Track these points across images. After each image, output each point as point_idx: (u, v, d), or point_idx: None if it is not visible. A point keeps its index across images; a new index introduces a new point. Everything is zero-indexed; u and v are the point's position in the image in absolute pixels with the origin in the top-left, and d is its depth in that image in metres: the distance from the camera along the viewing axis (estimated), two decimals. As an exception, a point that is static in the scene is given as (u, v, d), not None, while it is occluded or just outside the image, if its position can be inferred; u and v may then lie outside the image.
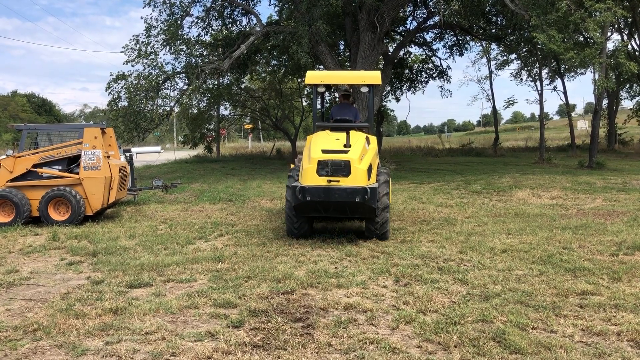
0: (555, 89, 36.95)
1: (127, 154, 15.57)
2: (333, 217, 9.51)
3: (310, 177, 8.37)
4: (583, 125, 53.02)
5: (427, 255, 7.73)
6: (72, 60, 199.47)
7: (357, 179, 8.23)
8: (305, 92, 35.44)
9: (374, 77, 9.84)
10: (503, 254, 7.72)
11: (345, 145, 8.61)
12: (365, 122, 10.41)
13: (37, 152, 11.94)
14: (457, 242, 8.63)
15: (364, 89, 9.87)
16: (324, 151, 8.55)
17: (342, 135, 8.99)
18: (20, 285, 6.93)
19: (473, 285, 6.23)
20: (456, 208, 12.44)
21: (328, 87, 10.61)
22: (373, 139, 9.59)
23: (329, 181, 8.28)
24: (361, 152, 8.53)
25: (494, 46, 36.65)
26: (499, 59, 38.97)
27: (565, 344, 4.53)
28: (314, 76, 9.98)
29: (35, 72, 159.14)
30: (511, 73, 45.84)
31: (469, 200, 13.59)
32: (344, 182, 8.24)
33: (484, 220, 10.65)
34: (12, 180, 11.69)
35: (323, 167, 8.34)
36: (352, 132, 9.12)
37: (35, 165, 11.81)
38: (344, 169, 8.28)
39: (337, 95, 10.76)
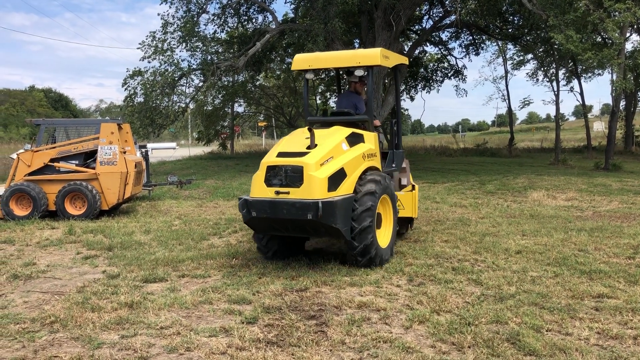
0: (571, 89, 36.56)
1: (143, 150, 15.70)
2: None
3: (257, 188, 6.85)
4: (599, 127, 52.45)
5: (441, 255, 7.71)
6: (88, 56, 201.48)
7: (311, 190, 6.49)
8: (320, 90, 35.44)
9: (370, 56, 7.75)
10: (518, 255, 7.68)
11: (308, 147, 6.91)
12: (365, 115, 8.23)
13: (54, 147, 12.08)
14: (472, 242, 8.59)
15: (359, 72, 7.95)
16: (280, 154, 6.95)
17: (321, 133, 7.39)
18: (38, 278, 7.03)
19: (487, 286, 6.20)
20: (470, 208, 12.39)
21: (317, 72, 9.05)
22: (370, 137, 7.77)
23: (277, 193, 6.68)
24: (325, 155, 6.77)
25: (510, 46, 36.36)
26: (515, 59, 38.70)
27: (580, 346, 4.50)
28: (301, 60, 8.22)
29: (52, 67, 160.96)
30: (527, 73, 45.49)
31: (484, 201, 13.52)
32: (294, 194, 6.56)
33: (499, 220, 10.60)
34: (30, 174, 11.85)
35: (274, 175, 6.75)
36: (333, 129, 7.56)
37: (52, 160, 11.96)
38: (295, 177, 6.60)
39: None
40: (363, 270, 6.89)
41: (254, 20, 26.25)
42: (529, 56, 35.26)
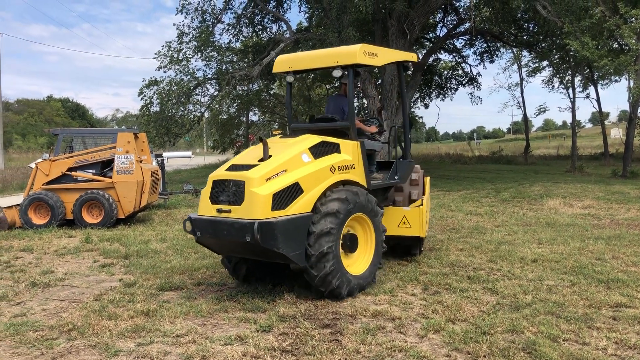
0: (588, 96, 36.15)
1: (159, 159, 15.85)
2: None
3: (203, 204, 6.24)
4: (617, 134, 51.84)
5: (456, 264, 7.68)
6: (105, 66, 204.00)
7: (251, 208, 5.74)
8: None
9: (348, 53, 6.84)
10: (534, 264, 7.62)
11: (261, 159, 6.18)
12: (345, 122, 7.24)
13: (72, 156, 12.24)
14: (487, 251, 8.54)
15: (336, 73, 6.87)
16: (230, 167, 6.31)
17: (284, 144, 6.63)
18: (55, 286, 7.12)
19: (503, 295, 6.16)
20: (486, 216, 12.32)
21: (298, 74, 7.96)
22: (348, 146, 6.76)
23: (220, 211, 6.01)
24: (275, 168, 5.97)
25: (525, 53, 36.20)
26: (530, 66, 38.47)
27: (598, 356, 4.45)
28: (282, 62, 7.55)
29: (69, 77, 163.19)
30: (543, 80, 45.16)
31: (499, 209, 13.44)
32: (235, 212, 5.87)
33: (514, 229, 10.52)
34: (48, 183, 12.01)
35: (220, 191, 6.10)
36: (300, 137, 6.77)
37: (70, 169, 12.12)
38: (237, 193, 5.91)
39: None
40: (378, 279, 6.87)
41: (268, 30, 26.44)
42: (545, 63, 35.01)
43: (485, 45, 31.11)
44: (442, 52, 32.27)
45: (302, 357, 4.56)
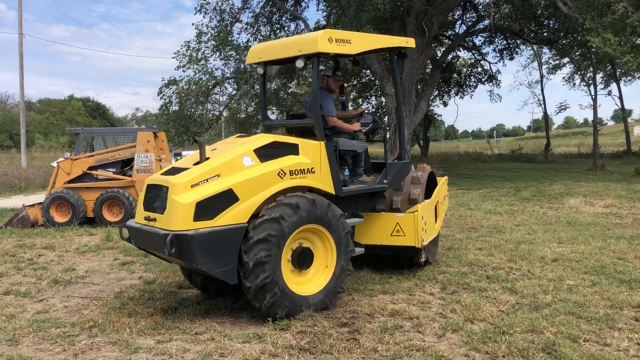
0: (610, 93, 35.78)
1: (178, 157, 15.97)
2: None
3: (138, 211, 5.80)
4: (640, 131, 51.07)
5: (475, 263, 7.62)
6: (125, 66, 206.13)
7: (171, 218, 5.16)
8: (352, 96, 35.46)
9: (310, 41, 6.08)
10: (554, 263, 7.54)
11: (197, 162, 5.64)
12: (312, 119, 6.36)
13: (92, 155, 12.41)
14: (506, 250, 8.47)
15: (299, 64, 6.13)
16: (168, 171, 5.80)
17: (229, 145, 6.09)
18: (77, 284, 7.23)
19: (522, 295, 6.11)
20: (505, 215, 12.21)
21: (268, 65, 7.11)
22: (308, 148, 5.99)
23: (148, 219, 5.55)
24: (206, 173, 5.36)
25: (545, 50, 35.79)
26: (550, 63, 38.11)
27: (619, 357, 4.40)
28: (253, 52, 6.92)
29: (90, 77, 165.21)
30: (563, 77, 44.64)
31: (519, 208, 13.31)
32: (159, 221, 5.37)
33: (534, 228, 10.42)
34: (69, 181, 12.18)
35: (154, 196, 5.60)
36: (249, 138, 6.16)
37: (90, 168, 12.28)
38: (163, 199, 5.37)
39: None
40: (395, 278, 6.86)
41: (286, 29, 26.46)
42: (565, 60, 34.65)
43: (504, 42, 30.80)
44: (461, 49, 32.05)
45: (320, 356, 4.57)
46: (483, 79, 33.58)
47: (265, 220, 5.29)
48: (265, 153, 5.75)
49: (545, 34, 28.46)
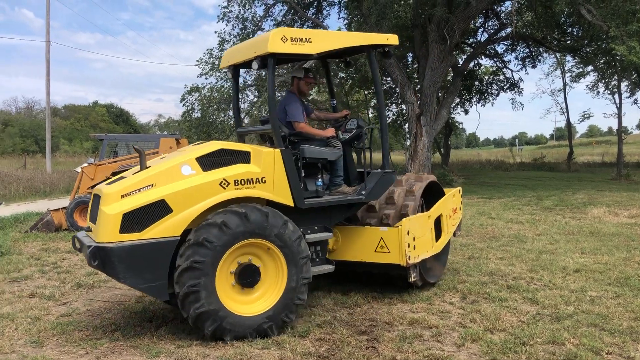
0: (635, 102, 35.14)
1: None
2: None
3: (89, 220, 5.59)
4: (666, 140, 50.18)
5: (496, 273, 7.56)
6: (148, 72, 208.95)
7: (99, 229, 4.93)
8: (372, 104, 35.47)
9: (262, 41, 5.64)
10: (576, 274, 7.44)
11: (137, 172, 5.37)
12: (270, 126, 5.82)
13: (116, 161, 12.59)
14: (527, 260, 8.38)
15: (254, 66, 5.75)
16: (112, 181, 5.52)
17: (175, 153, 5.94)
18: (99, 287, 7.34)
19: (543, 305, 6.04)
20: (527, 225, 12.09)
21: (237, 67, 6.66)
22: (260, 156, 5.52)
23: (87, 229, 5.42)
24: (139, 182, 5.07)
25: (569, 58, 35.37)
26: (574, 71, 37.60)
27: (642, 371, 4.33)
28: (225, 56, 6.60)
29: (114, 83, 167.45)
30: (587, 85, 44.10)
31: (541, 217, 13.17)
32: (93, 232, 5.15)
33: (556, 238, 10.30)
34: (93, 187, 12.36)
35: (93, 207, 5.42)
36: (196, 145, 5.88)
37: (114, 173, 12.44)
38: (96, 210, 5.17)
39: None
40: (415, 287, 6.83)
41: (307, 36, 26.62)
42: (589, 68, 34.20)
43: (527, 50, 30.53)
44: (483, 57, 31.84)
45: (339, 363, 4.58)
46: (505, 87, 33.29)
47: (190, 245, 4.94)
48: (210, 162, 5.38)
49: (568, 42, 28.14)
